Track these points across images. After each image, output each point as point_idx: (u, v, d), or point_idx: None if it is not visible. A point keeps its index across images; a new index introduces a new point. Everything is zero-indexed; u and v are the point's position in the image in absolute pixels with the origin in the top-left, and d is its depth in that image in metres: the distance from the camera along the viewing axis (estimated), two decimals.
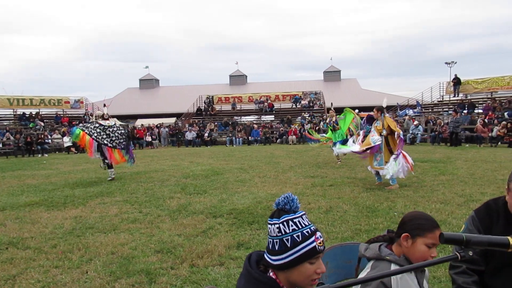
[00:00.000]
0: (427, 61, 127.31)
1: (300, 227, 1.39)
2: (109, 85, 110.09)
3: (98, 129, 10.52)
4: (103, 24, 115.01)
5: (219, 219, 5.95)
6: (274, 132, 28.15)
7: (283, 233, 1.38)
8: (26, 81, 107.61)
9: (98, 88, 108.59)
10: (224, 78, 56.27)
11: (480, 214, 2.16)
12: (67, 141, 23.76)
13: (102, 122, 10.84)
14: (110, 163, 10.54)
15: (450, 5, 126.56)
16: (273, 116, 33.05)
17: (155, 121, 33.64)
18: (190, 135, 27.13)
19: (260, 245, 4.60)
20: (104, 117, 11.38)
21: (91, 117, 20.81)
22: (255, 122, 31.23)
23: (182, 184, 9.24)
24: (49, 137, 25.52)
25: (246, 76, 53.28)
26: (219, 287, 3.59)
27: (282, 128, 27.71)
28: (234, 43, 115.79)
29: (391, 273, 1.33)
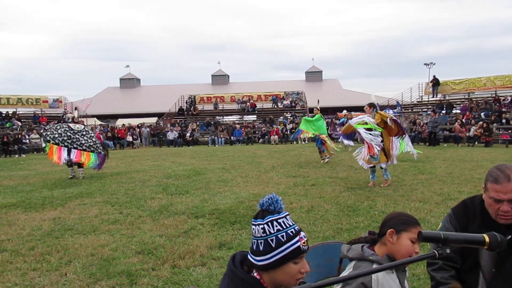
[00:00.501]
0: (406, 62, 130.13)
1: (285, 227, 1.40)
2: (89, 84, 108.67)
3: (68, 132, 10.55)
4: (83, 22, 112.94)
5: (201, 219, 5.93)
6: (256, 132, 28.18)
7: (268, 233, 1.39)
8: (3, 80, 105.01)
9: (78, 87, 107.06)
10: (206, 78, 56.29)
11: (457, 212, 2.21)
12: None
13: (72, 126, 10.84)
14: (79, 163, 10.64)
15: (429, 8, 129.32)
16: (255, 116, 33.07)
17: (136, 121, 33.31)
18: (172, 135, 26.91)
19: (242, 245, 4.61)
20: (74, 120, 11.37)
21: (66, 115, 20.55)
22: (237, 122, 31.15)
23: (164, 185, 9.16)
24: (26, 137, 24.92)
25: (228, 76, 53.26)
26: (201, 287, 3.58)
27: (264, 128, 27.74)
28: (216, 42, 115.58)
29: (372, 271, 1.34)
